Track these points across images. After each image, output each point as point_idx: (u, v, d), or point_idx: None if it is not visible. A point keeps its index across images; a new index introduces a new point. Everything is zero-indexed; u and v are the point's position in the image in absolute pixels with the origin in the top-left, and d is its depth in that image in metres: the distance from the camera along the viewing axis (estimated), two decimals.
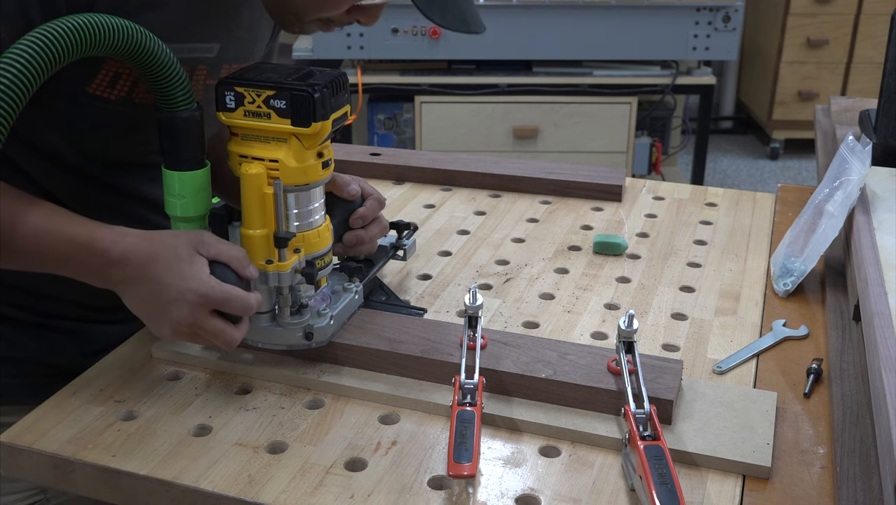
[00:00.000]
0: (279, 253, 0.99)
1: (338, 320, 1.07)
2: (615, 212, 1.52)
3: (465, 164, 1.65)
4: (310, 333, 1.03)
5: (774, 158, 4.76)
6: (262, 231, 0.99)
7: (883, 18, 4.35)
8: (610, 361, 1.00)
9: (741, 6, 3.50)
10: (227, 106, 0.97)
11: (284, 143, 0.96)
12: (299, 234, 1.01)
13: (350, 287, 1.11)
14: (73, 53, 0.88)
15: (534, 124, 3.61)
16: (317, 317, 1.05)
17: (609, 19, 3.48)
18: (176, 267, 0.94)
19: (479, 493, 0.88)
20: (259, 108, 0.95)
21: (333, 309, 1.06)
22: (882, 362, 0.88)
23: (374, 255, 1.21)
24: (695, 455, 0.91)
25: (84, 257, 0.95)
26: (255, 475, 0.90)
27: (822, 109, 1.85)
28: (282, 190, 0.97)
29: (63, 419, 0.98)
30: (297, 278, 1.01)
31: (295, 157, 0.96)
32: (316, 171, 0.99)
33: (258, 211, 0.98)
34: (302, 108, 0.94)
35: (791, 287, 1.24)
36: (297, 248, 1.01)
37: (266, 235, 0.99)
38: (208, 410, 1.00)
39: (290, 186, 0.98)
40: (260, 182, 0.97)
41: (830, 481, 0.89)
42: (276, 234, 0.99)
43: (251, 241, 0.99)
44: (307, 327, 1.03)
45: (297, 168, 0.97)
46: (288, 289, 1.02)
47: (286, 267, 1.00)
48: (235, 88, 0.95)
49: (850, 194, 1.23)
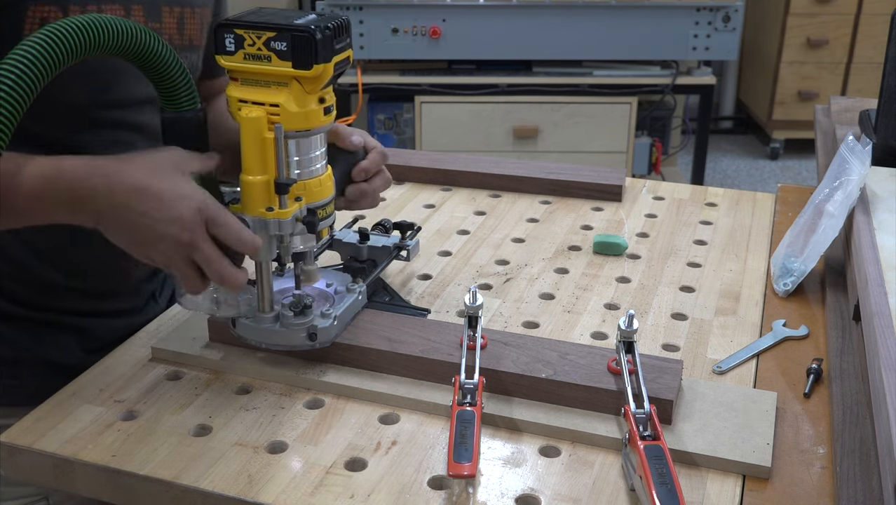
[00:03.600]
0: (280, 200, 0.97)
1: (341, 321, 1.06)
2: (615, 212, 1.52)
3: (465, 164, 1.65)
4: (313, 333, 1.03)
5: (774, 158, 4.76)
6: (263, 177, 0.96)
7: (883, 18, 4.35)
8: (610, 361, 1.00)
9: (741, 6, 3.50)
10: (227, 49, 0.94)
11: (285, 87, 0.94)
12: (301, 182, 0.99)
13: (354, 288, 1.11)
14: (77, 55, 0.86)
15: (534, 124, 3.61)
16: (320, 318, 1.04)
17: (609, 19, 3.49)
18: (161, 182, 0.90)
19: (479, 493, 0.88)
20: (259, 51, 0.93)
21: (337, 309, 1.06)
22: (882, 362, 0.88)
23: (377, 255, 1.22)
24: (695, 455, 0.91)
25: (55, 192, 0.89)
26: (255, 475, 0.90)
27: (822, 109, 1.85)
28: (282, 135, 0.95)
29: (63, 419, 0.98)
30: (298, 227, 0.99)
31: (296, 101, 0.94)
32: (318, 116, 0.96)
33: (258, 156, 0.95)
34: (303, 50, 0.91)
35: (791, 287, 1.24)
36: (298, 196, 0.99)
37: (266, 182, 0.96)
38: (208, 410, 1.00)
39: (291, 132, 0.96)
40: (260, 126, 0.94)
41: (830, 481, 0.89)
42: (276, 180, 0.96)
43: (251, 187, 0.96)
44: (311, 328, 1.03)
45: (298, 113, 0.94)
46: (289, 237, 0.99)
47: (287, 214, 0.97)
48: (235, 31, 0.93)
49: (850, 194, 1.23)
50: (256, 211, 0.97)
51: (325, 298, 1.08)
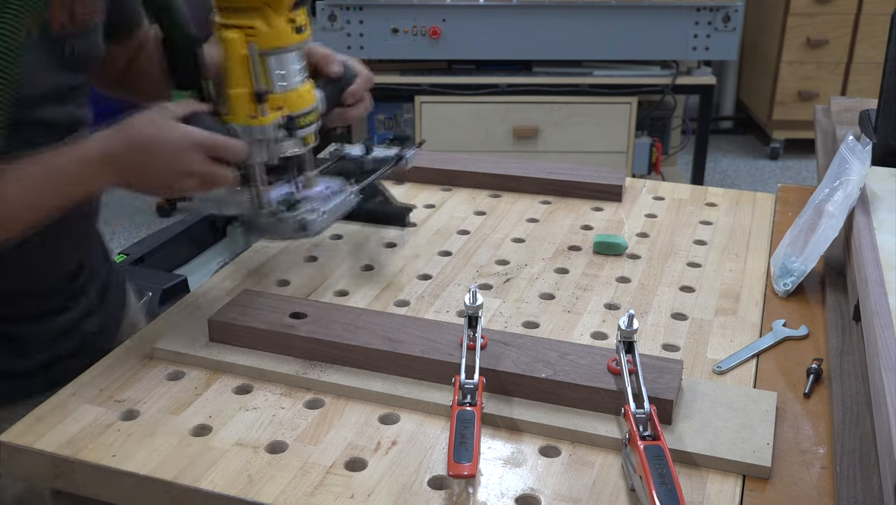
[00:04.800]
0: (261, 108, 1.10)
1: (331, 214, 1.19)
2: (615, 212, 1.52)
3: (465, 164, 1.65)
4: (303, 224, 1.15)
5: (774, 158, 4.76)
6: (244, 89, 1.10)
7: (883, 18, 4.35)
8: (610, 361, 1.00)
9: (741, 6, 3.50)
10: None
11: (259, 11, 1.08)
12: (281, 94, 1.12)
13: (346, 189, 1.24)
14: None
15: (534, 124, 3.61)
16: (309, 212, 1.16)
17: (609, 19, 3.48)
18: (162, 132, 1.03)
19: (479, 493, 0.88)
20: None
21: (325, 205, 1.18)
22: (882, 362, 0.88)
23: (380, 165, 1.35)
24: (695, 455, 0.91)
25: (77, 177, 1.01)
26: (255, 475, 0.90)
27: (822, 109, 1.85)
28: (256, 52, 1.09)
29: (63, 419, 0.98)
30: (280, 133, 1.13)
31: (267, 23, 1.09)
32: (288, 35, 1.11)
33: (240, 71, 1.09)
34: None
35: (791, 287, 1.24)
36: (279, 105, 1.12)
37: (248, 93, 1.10)
38: (208, 410, 1.00)
39: (266, 49, 1.10)
40: (239, 45, 1.08)
41: (830, 481, 0.89)
42: (255, 90, 1.10)
43: (236, 99, 1.10)
44: (301, 220, 1.14)
45: (269, 32, 1.09)
46: (273, 142, 1.13)
47: (267, 121, 1.11)
48: None
49: (850, 194, 1.23)
50: (242, 119, 1.11)
51: (321, 199, 1.20)
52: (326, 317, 1.11)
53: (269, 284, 1.27)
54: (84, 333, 1.21)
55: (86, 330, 1.21)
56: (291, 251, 1.37)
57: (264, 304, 1.14)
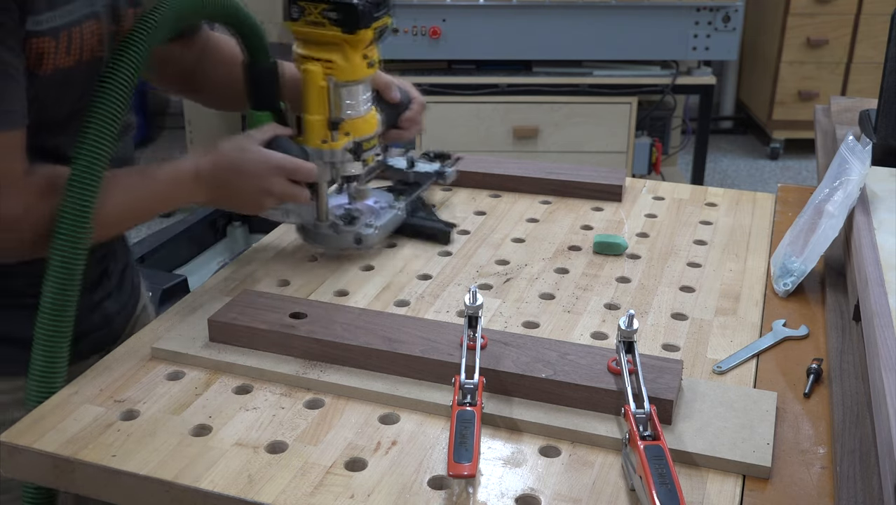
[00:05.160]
0: (332, 134, 1.25)
1: (383, 230, 1.34)
2: (615, 212, 1.52)
3: (465, 164, 1.65)
4: (359, 238, 1.31)
5: (774, 158, 4.76)
6: (320, 117, 1.24)
7: (883, 18, 4.35)
8: (610, 361, 1.00)
9: (741, 6, 3.50)
10: (293, 16, 1.21)
11: (337, 47, 1.21)
12: (349, 120, 1.26)
13: (395, 205, 1.39)
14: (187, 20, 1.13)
15: (534, 124, 3.61)
16: (365, 227, 1.32)
17: (609, 19, 3.49)
18: (247, 156, 1.17)
19: (479, 493, 0.88)
20: (317, 18, 1.19)
21: (379, 221, 1.34)
22: (882, 362, 0.88)
23: (421, 179, 1.49)
24: (695, 455, 0.91)
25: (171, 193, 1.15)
26: (255, 475, 0.90)
27: (822, 109, 1.85)
28: (333, 84, 1.22)
29: (63, 419, 0.98)
30: (346, 156, 1.27)
31: (345, 58, 1.22)
32: (362, 69, 1.24)
33: (317, 101, 1.23)
34: (348, 19, 1.18)
35: (791, 287, 1.24)
36: (347, 131, 1.26)
37: (323, 120, 1.24)
38: (208, 410, 1.00)
39: (341, 82, 1.23)
40: (317, 77, 1.22)
41: (830, 481, 0.89)
42: (329, 118, 1.24)
43: (311, 124, 1.25)
44: (357, 234, 1.30)
45: (346, 66, 1.22)
46: (340, 164, 1.27)
47: (338, 146, 1.26)
48: (298, 2, 1.20)
49: (850, 194, 1.23)
50: (315, 143, 1.26)
51: (372, 213, 1.36)
52: (326, 317, 1.11)
53: (269, 284, 1.27)
54: (106, 313, 1.26)
55: (108, 310, 1.26)
56: (291, 251, 1.37)
57: (264, 304, 1.14)
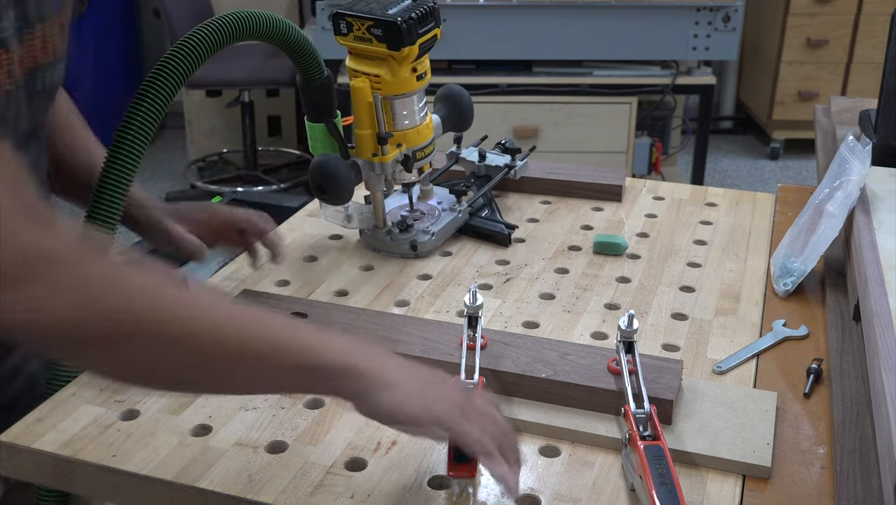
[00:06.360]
0: (381, 148, 1.26)
1: (439, 236, 1.35)
2: (615, 212, 1.52)
3: None
4: (414, 245, 1.32)
5: (774, 158, 4.76)
6: (369, 131, 1.26)
7: (883, 18, 4.34)
8: (610, 361, 1.00)
9: (741, 6, 3.50)
10: (342, 31, 1.22)
11: (384, 62, 1.22)
12: (402, 132, 1.27)
13: (457, 207, 1.39)
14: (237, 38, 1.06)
15: (534, 124, 3.61)
16: (422, 234, 1.33)
17: (609, 19, 3.49)
18: None
19: (479, 493, 0.88)
20: (364, 34, 1.20)
21: (436, 227, 1.34)
22: (882, 362, 0.88)
23: (492, 171, 1.49)
24: (695, 455, 0.91)
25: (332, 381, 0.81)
26: (255, 475, 0.90)
27: (822, 109, 1.85)
28: (380, 100, 1.24)
29: (63, 419, 0.98)
30: (397, 167, 1.29)
31: (392, 73, 1.22)
32: (410, 83, 1.24)
33: (365, 116, 1.25)
34: (393, 36, 1.18)
35: (791, 287, 1.24)
36: (399, 143, 1.28)
37: (372, 134, 1.26)
38: (208, 410, 1.00)
39: (390, 96, 1.24)
40: (366, 93, 1.23)
41: (830, 481, 0.89)
42: (378, 133, 1.25)
43: (361, 139, 1.26)
44: (413, 241, 1.32)
45: (393, 81, 1.23)
46: (391, 174, 1.29)
47: (388, 159, 1.27)
48: (346, 18, 1.20)
49: (850, 194, 1.23)
50: (366, 155, 1.27)
51: (432, 216, 1.37)
52: (326, 317, 1.11)
53: (269, 284, 1.27)
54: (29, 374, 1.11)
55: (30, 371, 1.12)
56: (291, 251, 1.37)
57: (264, 304, 1.14)
